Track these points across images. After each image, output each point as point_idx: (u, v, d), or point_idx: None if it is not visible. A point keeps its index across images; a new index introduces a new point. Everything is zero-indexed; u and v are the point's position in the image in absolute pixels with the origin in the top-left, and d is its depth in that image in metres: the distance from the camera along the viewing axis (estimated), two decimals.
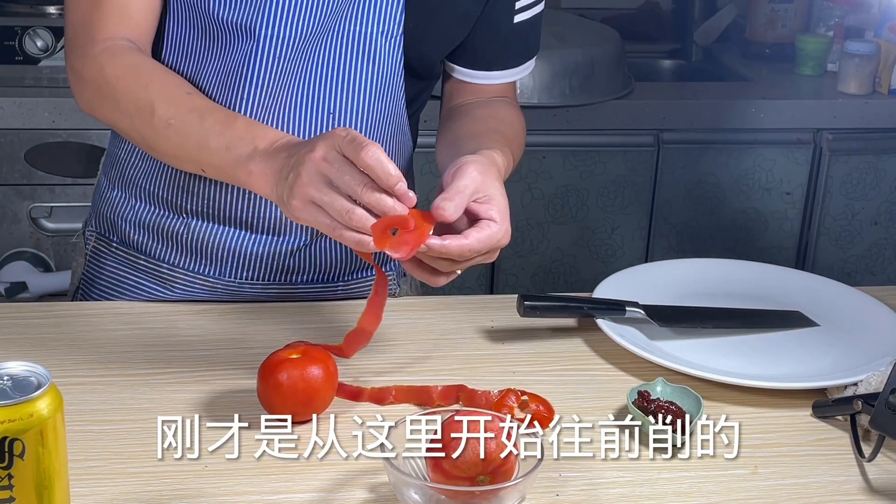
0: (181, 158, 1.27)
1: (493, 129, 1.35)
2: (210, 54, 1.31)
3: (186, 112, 1.23)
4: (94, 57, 1.28)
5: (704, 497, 1.07)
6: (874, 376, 1.22)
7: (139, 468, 1.07)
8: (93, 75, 1.28)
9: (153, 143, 1.26)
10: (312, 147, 1.10)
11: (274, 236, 1.40)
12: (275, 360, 1.15)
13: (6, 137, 2.41)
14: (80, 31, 1.31)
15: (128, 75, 1.26)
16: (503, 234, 1.14)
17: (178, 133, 1.23)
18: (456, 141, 1.34)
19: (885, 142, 2.69)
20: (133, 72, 1.26)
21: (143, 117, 1.24)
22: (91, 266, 1.49)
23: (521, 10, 1.41)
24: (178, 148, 1.24)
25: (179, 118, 1.23)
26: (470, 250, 1.11)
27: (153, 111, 1.23)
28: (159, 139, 1.25)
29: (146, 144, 1.28)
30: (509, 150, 1.30)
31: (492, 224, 1.13)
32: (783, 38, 2.96)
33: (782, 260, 2.71)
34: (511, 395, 1.18)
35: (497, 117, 1.40)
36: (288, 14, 1.28)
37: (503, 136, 1.33)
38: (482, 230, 1.12)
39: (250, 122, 1.23)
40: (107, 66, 1.27)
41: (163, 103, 1.24)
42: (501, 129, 1.36)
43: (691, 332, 1.36)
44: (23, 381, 0.88)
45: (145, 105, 1.24)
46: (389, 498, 1.03)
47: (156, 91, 1.25)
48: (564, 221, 2.62)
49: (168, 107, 1.23)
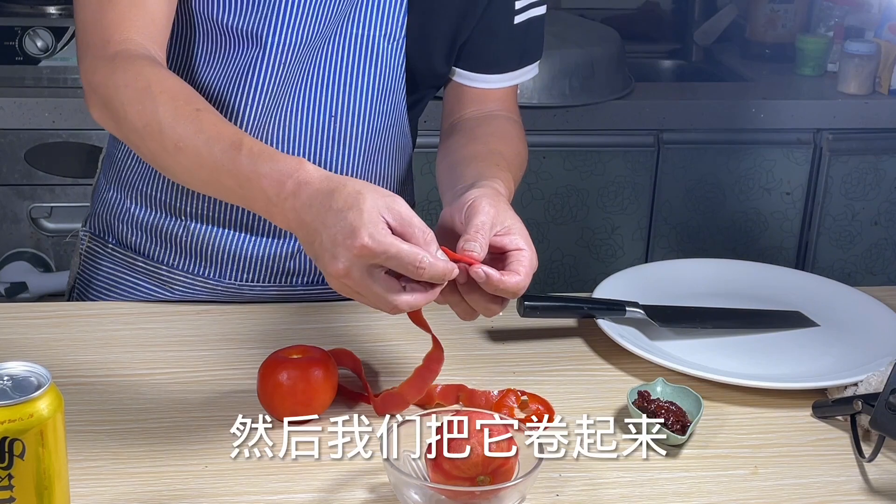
0: (192, 185, 1.19)
1: (495, 152, 1.32)
2: (213, 59, 1.31)
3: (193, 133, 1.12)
4: (108, 60, 1.19)
5: (704, 497, 1.07)
6: (874, 376, 1.22)
7: (139, 468, 1.07)
8: (103, 82, 1.18)
9: (162, 162, 1.17)
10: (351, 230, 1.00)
11: (274, 239, 1.40)
12: (275, 360, 1.15)
13: (6, 137, 2.41)
14: (92, 29, 1.21)
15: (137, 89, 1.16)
16: (534, 261, 1.11)
17: (187, 161, 1.13)
18: (457, 164, 1.31)
19: (885, 142, 2.69)
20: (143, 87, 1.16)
21: (151, 136, 1.15)
22: (86, 267, 1.48)
23: (520, 11, 1.40)
24: (188, 175, 1.15)
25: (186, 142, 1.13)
26: (521, 286, 1.08)
27: (161, 132, 1.14)
28: (168, 160, 1.15)
29: (155, 162, 1.19)
30: (510, 175, 1.27)
31: (524, 252, 1.10)
32: (783, 38, 2.97)
33: (782, 260, 2.72)
34: (511, 395, 1.18)
35: (498, 136, 1.38)
36: (293, 20, 1.27)
37: (504, 159, 1.31)
38: (522, 262, 1.09)
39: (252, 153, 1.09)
40: (118, 74, 1.17)
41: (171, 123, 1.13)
42: (503, 151, 1.34)
43: (691, 332, 1.36)
44: (23, 381, 0.88)
45: (153, 123, 1.14)
46: (389, 498, 1.03)
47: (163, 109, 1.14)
48: (564, 221, 2.63)
49: (176, 127, 1.13)
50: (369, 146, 1.38)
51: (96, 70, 1.19)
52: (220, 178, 1.10)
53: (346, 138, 1.36)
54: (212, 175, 1.11)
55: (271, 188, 1.05)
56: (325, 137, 1.35)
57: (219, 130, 1.12)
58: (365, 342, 1.32)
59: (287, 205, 1.04)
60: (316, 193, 1.03)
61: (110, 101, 1.17)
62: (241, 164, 1.08)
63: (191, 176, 1.15)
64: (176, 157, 1.13)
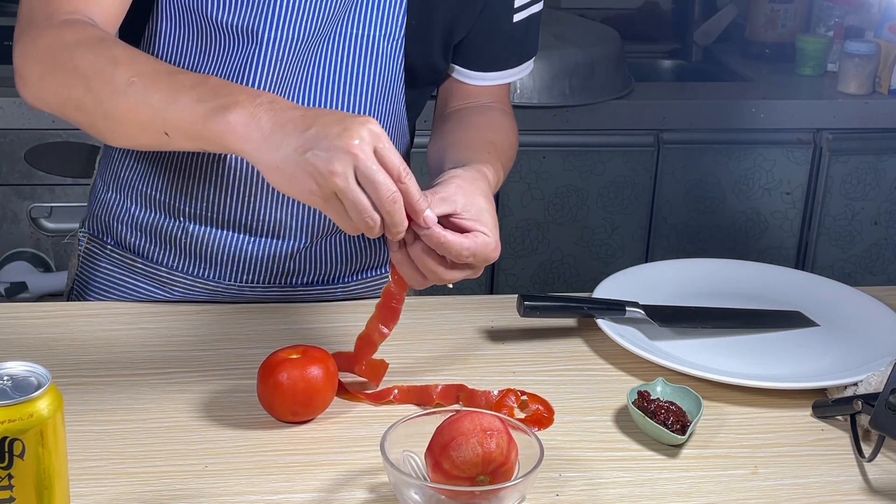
0: (142, 122, 1.11)
1: (487, 140, 1.33)
2: (207, 57, 1.30)
3: (152, 70, 1.11)
4: (55, 27, 1.15)
5: (704, 497, 1.07)
6: (874, 376, 1.22)
7: (139, 468, 1.07)
8: (48, 43, 1.14)
9: (110, 107, 1.11)
10: (345, 128, 1.01)
11: (273, 239, 1.40)
12: (275, 360, 1.15)
13: (6, 137, 2.41)
14: (39, 10, 1.18)
15: (90, 41, 1.14)
16: (494, 247, 1.13)
17: (141, 91, 1.09)
18: (448, 148, 1.32)
19: (885, 142, 2.69)
20: (96, 39, 1.14)
21: (101, 78, 1.11)
22: (84, 267, 1.48)
23: (519, 10, 1.40)
24: (140, 105, 1.10)
25: (144, 76, 1.10)
26: (464, 248, 1.09)
27: (115, 70, 1.10)
28: (118, 99, 1.10)
29: (101, 110, 1.12)
30: (500, 164, 1.29)
31: (484, 235, 1.12)
32: (783, 38, 2.97)
33: (782, 260, 2.72)
34: (511, 395, 1.19)
35: (491, 126, 1.39)
36: (290, 16, 1.27)
37: (495, 148, 1.32)
38: (477, 237, 1.11)
39: (228, 81, 1.12)
40: (66, 33, 1.14)
41: (126, 63, 1.11)
42: (494, 140, 1.35)
43: (691, 332, 1.36)
44: (23, 381, 0.88)
45: (105, 64, 1.11)
46: (389, 498, 1.03)
47: (120, 53, 1.12)
48: (564, 221, 2.63)
49: (132, 66, 1.11)
50: None
51: (40, 36, 1.16)
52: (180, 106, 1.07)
53: None
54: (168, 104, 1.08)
55: (246, 96, 1.06)
56: None
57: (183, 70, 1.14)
58: None
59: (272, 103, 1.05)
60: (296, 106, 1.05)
61: (54, 62, 1.14)
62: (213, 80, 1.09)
63: (141, 107, 1.10)
64: (127, 91, 1.09)
